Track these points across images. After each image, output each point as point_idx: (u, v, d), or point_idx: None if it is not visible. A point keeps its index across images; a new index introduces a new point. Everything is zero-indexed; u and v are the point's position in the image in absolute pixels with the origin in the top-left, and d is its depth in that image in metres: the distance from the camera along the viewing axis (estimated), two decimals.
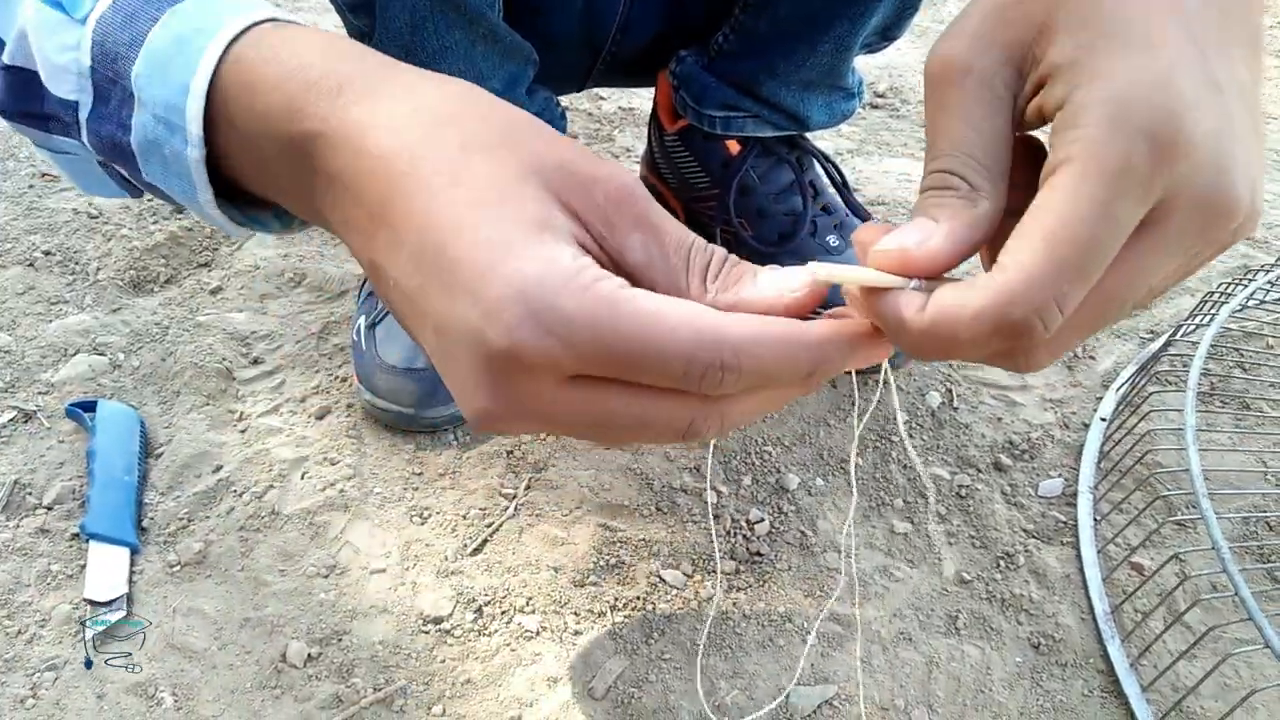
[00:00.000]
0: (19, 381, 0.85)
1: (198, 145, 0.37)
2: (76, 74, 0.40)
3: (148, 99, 0.38)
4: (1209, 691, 0.64)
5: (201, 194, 0.39)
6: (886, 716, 0.63)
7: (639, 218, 0.33)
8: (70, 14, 0.39)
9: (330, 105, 0.34)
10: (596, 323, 0.29)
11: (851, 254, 0.90)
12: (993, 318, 0.29)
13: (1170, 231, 0.30)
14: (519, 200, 0.31)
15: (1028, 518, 0.76)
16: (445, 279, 0.30)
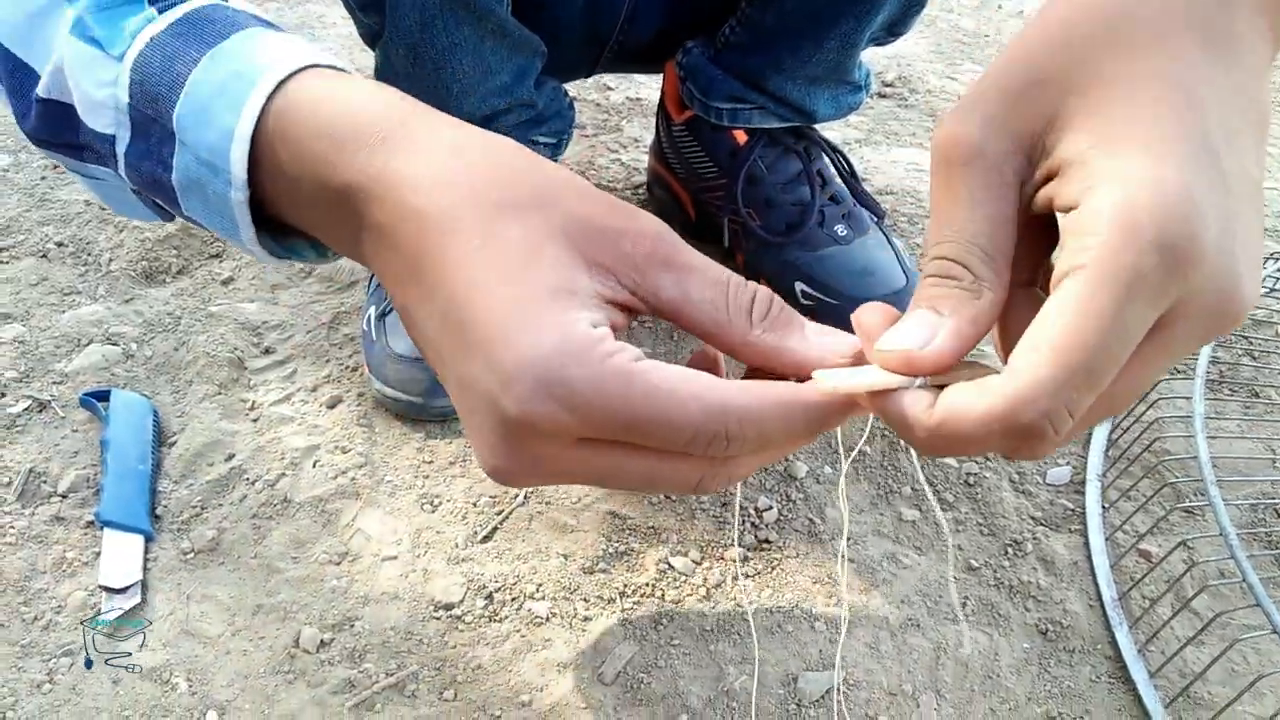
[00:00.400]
0: (33, 371, 0.85)
1: (241, 189, 0.38)
2: (114, 109, 0.40)
3: (190, 141, 0.38)
4: (1216, 677, 0.64)
5: (244, 232, 0.40)
6: (894, 701, 0.63)
7: (668, 260, 0.34)
8: (107, 50, 0.40)
9: (370, 157, 0.35)
10: (607, 395, 0.30)
11: (858, 245, 0.90)
12: (1002, 421, 0.29)
13: (1179, 335, 0.30)
14: (543, 265, 0.32)
15: (1036, 505, 0.76)
16: (467, 341, 0.31)
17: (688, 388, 0.31)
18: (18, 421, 0.81)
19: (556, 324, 0.31)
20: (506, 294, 0.31)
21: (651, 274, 0.34)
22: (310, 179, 0.36)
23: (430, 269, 0.33)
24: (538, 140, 0.89)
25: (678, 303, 0.34)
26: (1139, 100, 0.30)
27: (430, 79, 0.79)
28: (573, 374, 0.30)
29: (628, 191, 1.12)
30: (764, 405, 0.32)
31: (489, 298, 0.31)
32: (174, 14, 0.41)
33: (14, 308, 0.92)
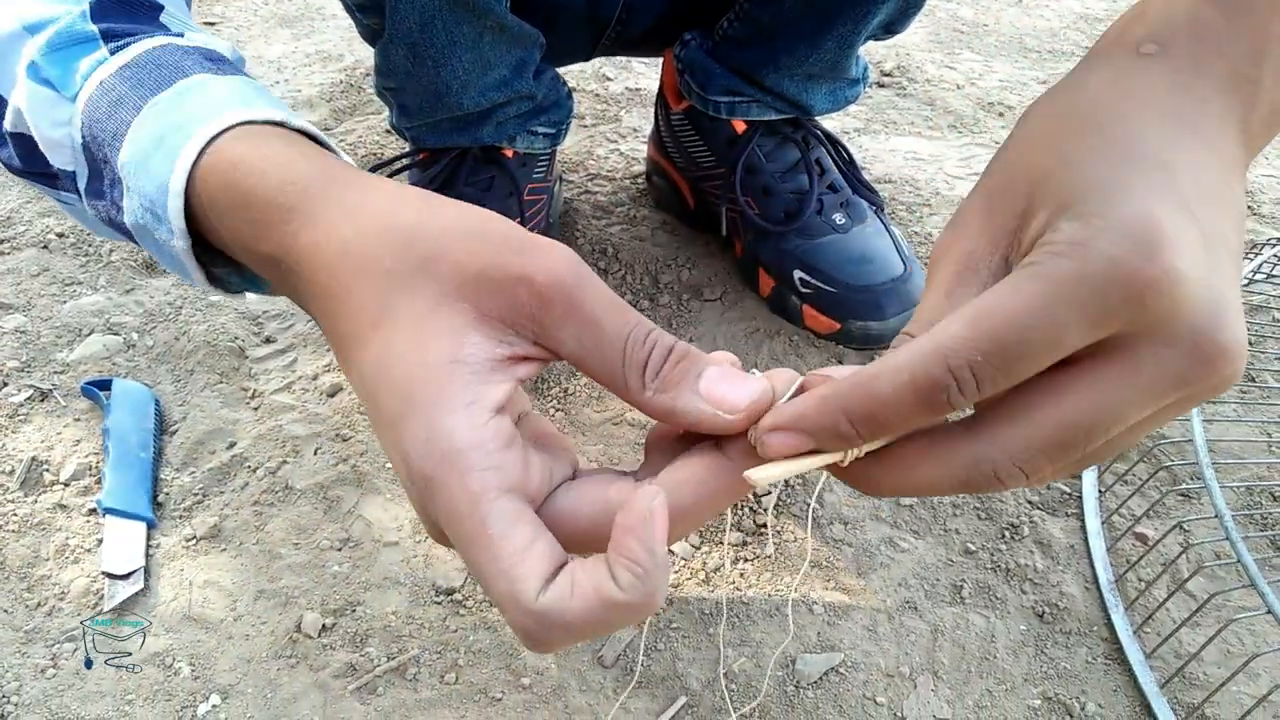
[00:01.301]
0: (35, 361, 0.86)
1: (182, 238, 0.38)
2: (71, 148, 0.41)
3: (134, 188, 0.39)
4: (1211, 658, 0.65)
5: (194, 275, 0.40)
6: (891, 683, 0.64)
7: (569, 310, 0.32)
8: (60, 92, 0.40)
9: (283, 231, 0.35)
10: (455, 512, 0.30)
11: (856, 233, 0.90)
12: (910, 371, 0.29)
13: (1144, 366, 0.29)
14: (437, 338, 0.32)
15: (1032, 489, 0.77)
16: (380, 412, 0.33)
17: (512, 561, 0.30)
18: (20, 410, 0.81)
19: (434, 416, 0.31)
20: (401, 374, 0.32)
21: (550, 327, 0.33)
22: (239, 245, 0.37)
23: (340, 344, 0.34)
24: (537, 130, 0.89)
25: (577, 358, 0.33)
26: (1104, 169, 0.30)
27: (430, 76, 0.79)
28: (435, 474, 0.31)
29: (627, 181, 1.12)
30: (581, 610, 0.30)
31: (386, 377, 0.32)
32: (125, 56, 0.41)
33: (15, 298, 0.92)
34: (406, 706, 0.62)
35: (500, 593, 0.30)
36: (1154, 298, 0.28)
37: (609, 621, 0.30)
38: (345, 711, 0.62)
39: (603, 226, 1.04)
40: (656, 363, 0.32)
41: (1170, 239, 0.28)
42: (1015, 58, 1.53)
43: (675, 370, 0.32)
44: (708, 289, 0.95)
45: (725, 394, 0.32)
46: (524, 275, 0.32)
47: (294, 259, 0.35)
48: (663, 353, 0.33)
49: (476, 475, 0.30)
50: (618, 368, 0.32)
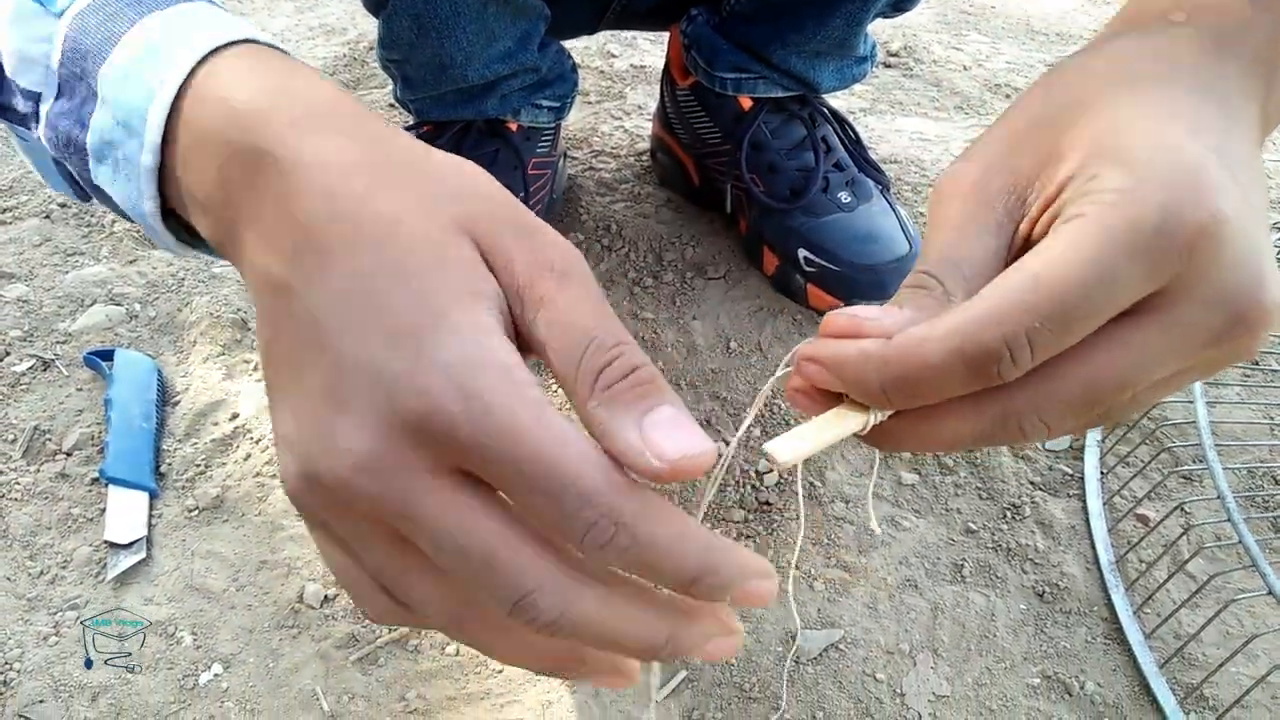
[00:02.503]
0: (37, 331, 0.86)
1: (153, 152, 0.36)
2: (45, 66, 0.39)
3: (111, 98, 0.37)
4: (1211, 639, 0.65)
5: (147, 201, 0.37)
6: (891, 660, 0.64)
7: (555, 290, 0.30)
8: (47, 7, 0.39)
9: (287, 130, 0.32)
10: (514, 421, 0.26)
11: (861, 212, 0.90)
12: (961, 338, 0.28)
13: (1181, 322, 0.28)
14: (460, 265, 0.29)
15: (1035, 470, 0.77)
16: (367, 327, 0.28)
17: (600, 456, 0.27)
18: (22, 380, 0.81)
19: (473, 330, 0.28)
20: (415, 289, 0.28)
21: (530, 304, 0.30)
22: (220, 134, 0.34)
23: (336, 245, 0.30)
24: (541, 104, 0.89)
25: (541, 346, 0.30)
26: (1146, 121, 0.30)
27: (434, 48, 0.79)
28: (486, 385, 0.27)
29: (631, 158, 1.12)
30: (670, 518, 0.27)
31: (393, 288, 0.28)
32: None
33: (18, 268, 0.92)
34: (408, 677, 0.62)
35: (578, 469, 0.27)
36: (1203, 244, 0.27)
37: None
38: (347, 681, 0.62)
39: (607, 203, 1.03)
40: (611, 376, 0.29)
41: (1218, 186, 0.28)
42: (1023, 40, 1.52)
43: (629, 391, 0.28)
44: (711, 267, 0.95)
45: (662, 440, 0.27)
46: (536, 243, 0.31)
47: (299, 157, 0.31)
48: (621, 369, 0.29)
49: (539, 389, 0.28)
50: (571, 368, 0.29)
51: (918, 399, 0.30)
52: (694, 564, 0.27)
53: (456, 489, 0.27)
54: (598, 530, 0.26)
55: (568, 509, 0.26)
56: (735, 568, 0.28)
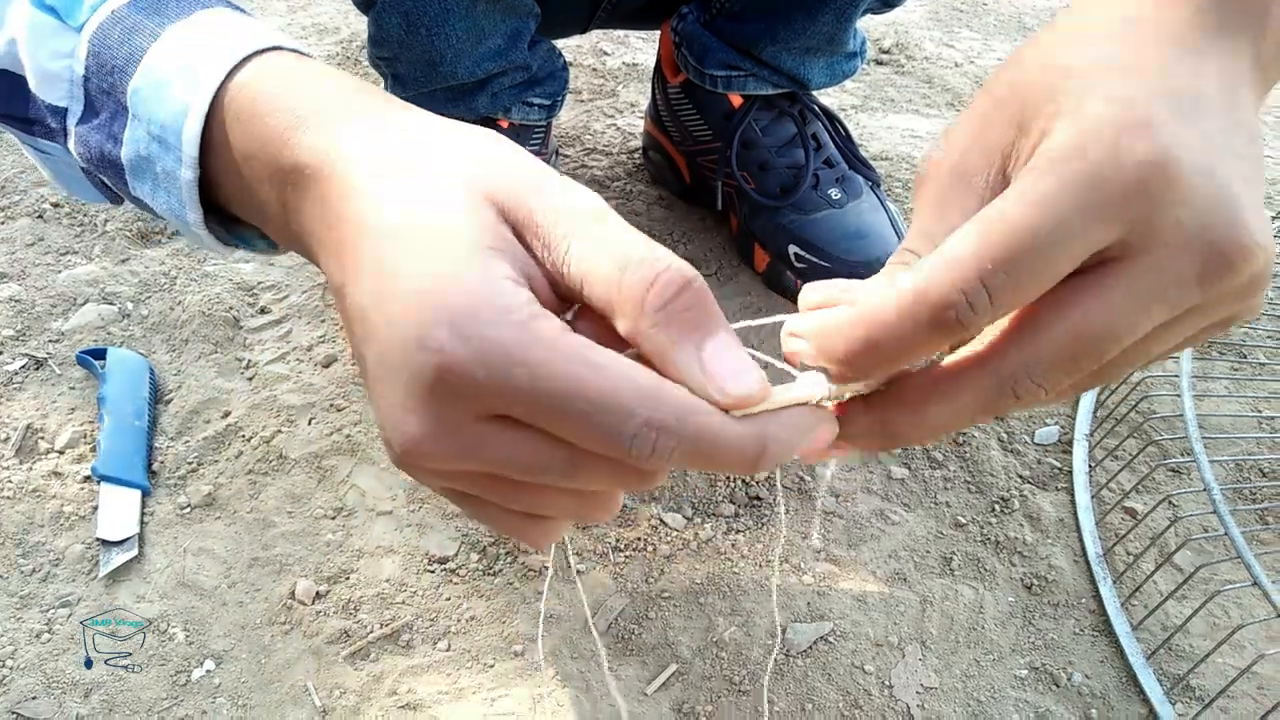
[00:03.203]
0: (30, 330, 0.86)
1: (191, 166, 0.37)
2: (69, 81, 0.40)
3: (143, 115, 0.38)
4: (1197, 630, 0.65)
5: (191, 213, 0.39)
6: (880, 652, 0.65)
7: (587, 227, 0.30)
8: (66, 21, 0.39)
9: (317, 138, 0.34)
10: (525, 353, 0.27)
11: (851, 208, 0.90)
12: (915, 292, 0.28)
13: (1153, 266, 0.28)
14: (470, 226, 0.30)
15: (1023, 464, 0.77)
16: (391, 302, 0.29)
17: (620, 364, 0.28)
18: (15, 378, 0.81)
19: (481, 281, 0.28)
20: (437, 251, 0.29)
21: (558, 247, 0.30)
22: (258, 157, 0.35)
23: (363, 243, 0.31)
24: (532, 102, 0.89)
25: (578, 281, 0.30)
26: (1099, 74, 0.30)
27: (424, 45, 0.79)
28: (496, 330, 0.27)
29: (623, 156, 1.12)
30: (709, 411, 0.28)
31: (420, 256, 0.29)
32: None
33: (10, 267, 0.92)
34: (399, 672, 0.63)
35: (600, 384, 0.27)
36: (1153, 183, 0.27)
37: None
38: (338, 676, 0.62)
39: None
40: (664, 293, 0.28)
41: (1160, 124, 0.28)
42: (1014, 36, 1.52)
43: (684, 314, 0.28)
44: (703, 264, 0.95)
45: (725, 373, 0.29)
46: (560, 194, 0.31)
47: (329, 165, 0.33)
48: (672, 283, 0.28)
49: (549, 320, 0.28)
50: (614, 288, 0.29)
51: (886, 362, 0.30)
52: (751, 446, 0.28)
53: (506, 429, 0.28)
54: (640, 441, 0.27)
55: (602, 427, 0.27)
56: (795, 431, 0.29)
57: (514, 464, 0.29)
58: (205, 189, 0.39)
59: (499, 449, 0.29)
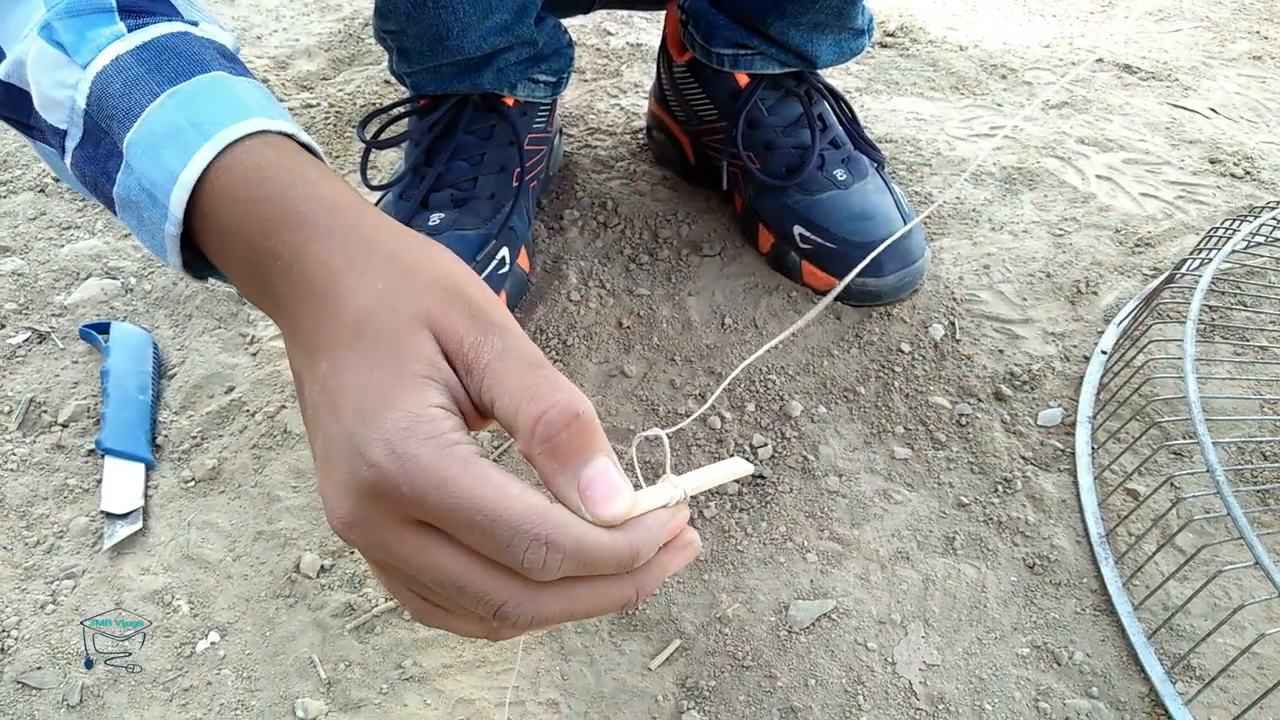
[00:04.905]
0: (32, 304, 0.86)
1: (176, 224, 0.40)
2: (70, 109, 0.42)
3: (137, 168, 0.40)
4: (1198, 610, 0.66)
5: (171, 258, 0.42)
6: (883, 629, 0.65)
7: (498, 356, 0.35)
8: (72, 57, 0.41)
9: (294, 235, 0.38)
10: (443, 475, 0.32)
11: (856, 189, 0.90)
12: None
13: None
14: (410, 354, 0.35)
15: (1026, 445, 0.77)
16: (338, 410, 0.34)
17: (518, 488, 0.32)
18: (18, 352, 0.81)
19: (416, 406, 0.33)
20: (382, 374, 0.34)
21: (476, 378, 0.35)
22: (242, 238, 0.39)
23: (317, 344, 0.36)
24: (538, 79, 0.89)
25: (489, 409, 0.35)
26: None
27: (430, 18, 0.79)
28: (421, 451, 0.32)
29: (627, 136, 1.12)
30: (587, 526, 0.33)
31: (363, 374, 0.34)
32: (143, 35, 0.42)
33: (12, 241, 0.92)
34: (404, 645, 0.63)
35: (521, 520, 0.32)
36: None
37: None
38: (343, 649, 0.63)
39: (602, 180, 1.03)
40: (548, 427, 0.34)
41: None
42: (1019, 20, 1.52)
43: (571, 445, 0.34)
44: (707, 244, 0.95)
45: (596, 498, 0.34)
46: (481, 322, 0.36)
47: (298, 261, 0.37)
48: (558, 419, 0.34)
49: (465, 446, 0.33)
50: (512, 417, 0.34)
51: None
52: (625, 549, 0.34)
53: (420, 534, 0.33)
54: (532, 553, 0.32)
55: (501, 539, 0.32)
56: (657, 531, 0.35)
57: (414, 566, 0.33)
58: (185, 236, 0.42)
59: (408, 550, 0.33)
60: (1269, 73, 1.37)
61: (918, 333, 0.86)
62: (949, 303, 0.89)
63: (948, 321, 0.87)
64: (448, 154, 0.86)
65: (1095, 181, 1.08)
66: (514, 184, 0.88)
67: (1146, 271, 0.95)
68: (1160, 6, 1.58)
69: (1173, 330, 0.83)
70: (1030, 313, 0.90)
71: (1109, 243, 0.99)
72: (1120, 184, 1.08)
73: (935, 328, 0.86)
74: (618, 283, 0.90)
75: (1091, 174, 1.10)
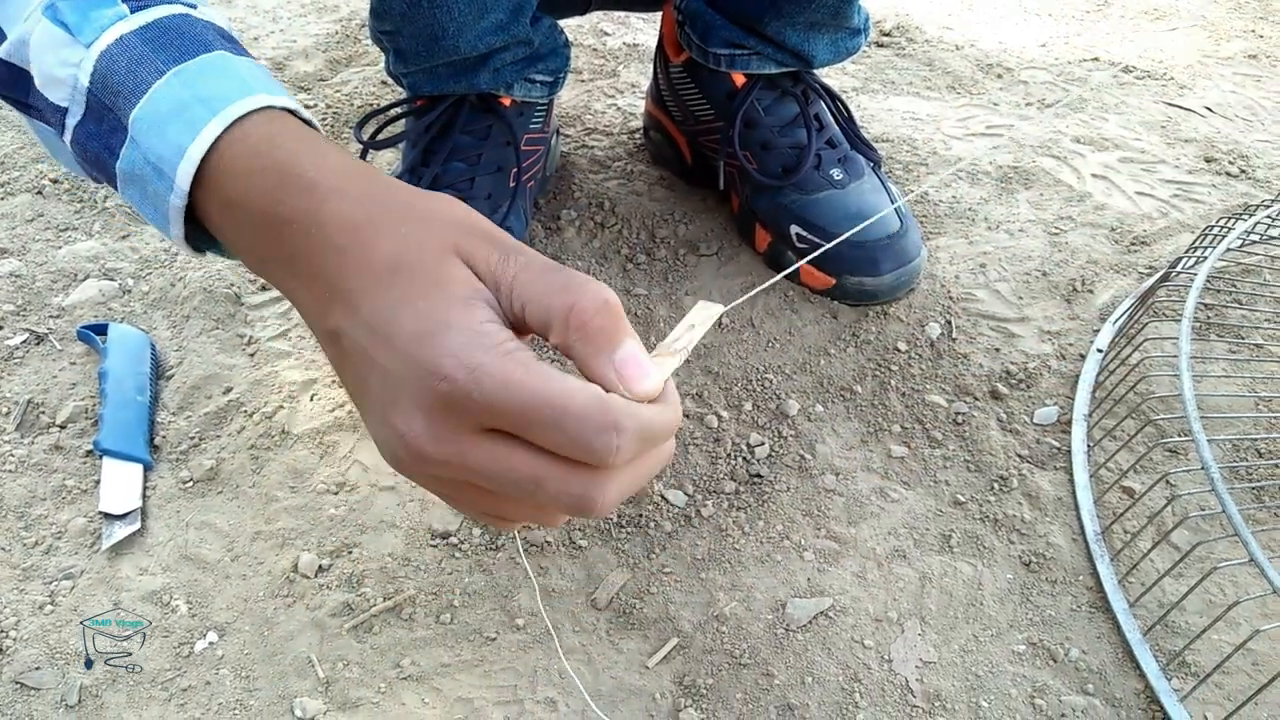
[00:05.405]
0: (30, 305, 0.86)
1: (181, 197, 0.41)
2: (72, 88, 0.43)
3: (143, 143, 0.41)
4: (1193, 607, 0.66)
5: (174, 230, 0.43)
6: (880, 627, 0.65)
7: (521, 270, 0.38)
8: (76, 36, 0.42)
9: (304, 201, 0.39)
10: (508, 377, 0.34)
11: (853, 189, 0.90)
12: None
13: None
14: (454, 282, 0.37)
15: (1022, 443, 0.78)
16: (395, 340, 0.36)
17: (578, 383, 0.34)
18: (15, 354, 0.81)
19: (470, 322, 0.35)
20: (426, 303, 0.36)
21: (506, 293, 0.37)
22: (252, 208, 0.40)
23: (353, 293, 0.37)
24: (534, 79, 0.89)
25: (522, 318, 0.37)
26: None
27: (426, 18, 0.79)
28: (481, 359, 0.34)
29: (624, 136, 1.12)
30: (642, 406, 0.35)
31: (411, 307, 0.36)
32: (146, 16, 0.43)
33: (10, 243, 0.92)
34: (402, 645, 0.63)
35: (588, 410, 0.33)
36: None
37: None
38: (341, 649, 0.63)
39: (599, 181, 1.03)
40: (582, 314, 0.36)
41: None
42: (1016, 20, 1.52)
43: (600, 332, 0.36)
44: (704, 244, 0.95)
45: (631, 376, 0.36)
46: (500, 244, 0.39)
47: (315, 222, 0.38)
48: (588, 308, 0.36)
49: (525, 351, 0.35)
50: (546, 318, 0.37)
51: None
52: (675, 423, 0.37)
53: (494, 442, 0.35)
54: (603, 441, 0.33)
55: (571, 432, 0.33)
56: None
57: (490, 472, 0.35)
58: (189, 209, 0.42)
59: (483, 456, 0.35)
60: (1264, 71, 1.37)
61: (914, 331, 0.86)
62: (945, 301, 0.89)
63: (944, 320, 0.87)
64: (444, 154, 0.86)
65: (1091, 180, 1.09)
66: (511, 184, 0.88)
67: (1142, 270, 0.95)
68: (1156, 5, 1.58)
69: (1168, 328, 0.83)
70: (1026, 311, 0.90)
71: (1105, 241, 0.99)
72: (1116, 183, 1.09)
73: (932, 326, 0.86)
74: (615, 282, 0.90)
75: (1087, 173, 1.10)
